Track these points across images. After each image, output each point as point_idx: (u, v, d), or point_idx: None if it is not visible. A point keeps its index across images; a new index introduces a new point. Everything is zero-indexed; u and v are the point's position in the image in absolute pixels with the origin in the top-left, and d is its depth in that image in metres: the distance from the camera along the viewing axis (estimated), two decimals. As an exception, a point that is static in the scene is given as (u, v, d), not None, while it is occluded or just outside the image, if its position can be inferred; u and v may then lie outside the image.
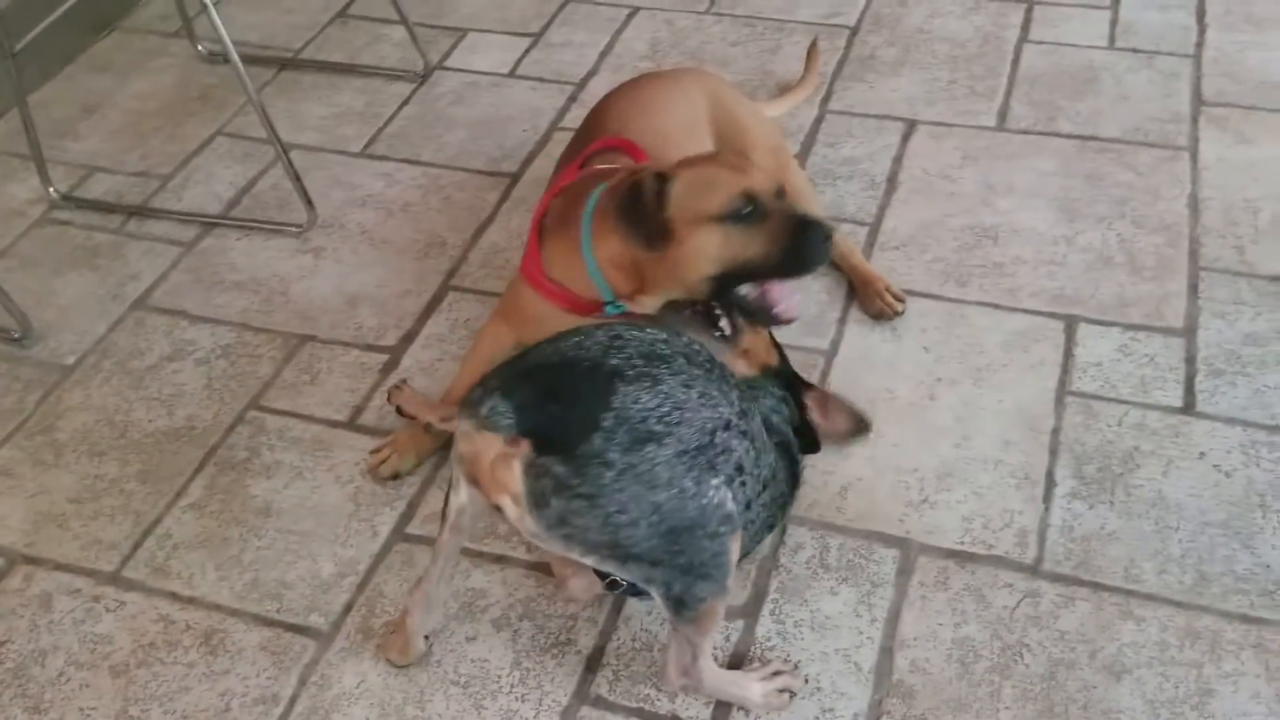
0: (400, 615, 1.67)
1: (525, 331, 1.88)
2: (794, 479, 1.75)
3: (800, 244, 1.66)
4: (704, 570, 1.43)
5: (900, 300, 2.13)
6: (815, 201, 2.23)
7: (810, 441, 1.83)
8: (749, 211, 1.67)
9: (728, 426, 1.46)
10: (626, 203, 1.69)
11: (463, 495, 1.49)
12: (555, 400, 1.40)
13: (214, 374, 2.15)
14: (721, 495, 1.43)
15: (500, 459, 1.38)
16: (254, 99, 2.36)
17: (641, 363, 1.42)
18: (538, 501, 1.38)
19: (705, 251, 1.68)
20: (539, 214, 1.91)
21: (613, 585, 1.63)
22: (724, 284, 1.71)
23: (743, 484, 1.49)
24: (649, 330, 1.50)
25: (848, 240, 2.24)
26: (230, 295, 2.32)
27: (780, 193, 1.71)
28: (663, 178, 1.69)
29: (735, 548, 1.47)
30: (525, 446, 1.37)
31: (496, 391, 1.41)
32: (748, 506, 1.51)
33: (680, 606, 1.46)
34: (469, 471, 1.44)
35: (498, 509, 1.42)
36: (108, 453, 2.03)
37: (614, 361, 1.42)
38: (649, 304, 1.80)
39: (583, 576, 1.67)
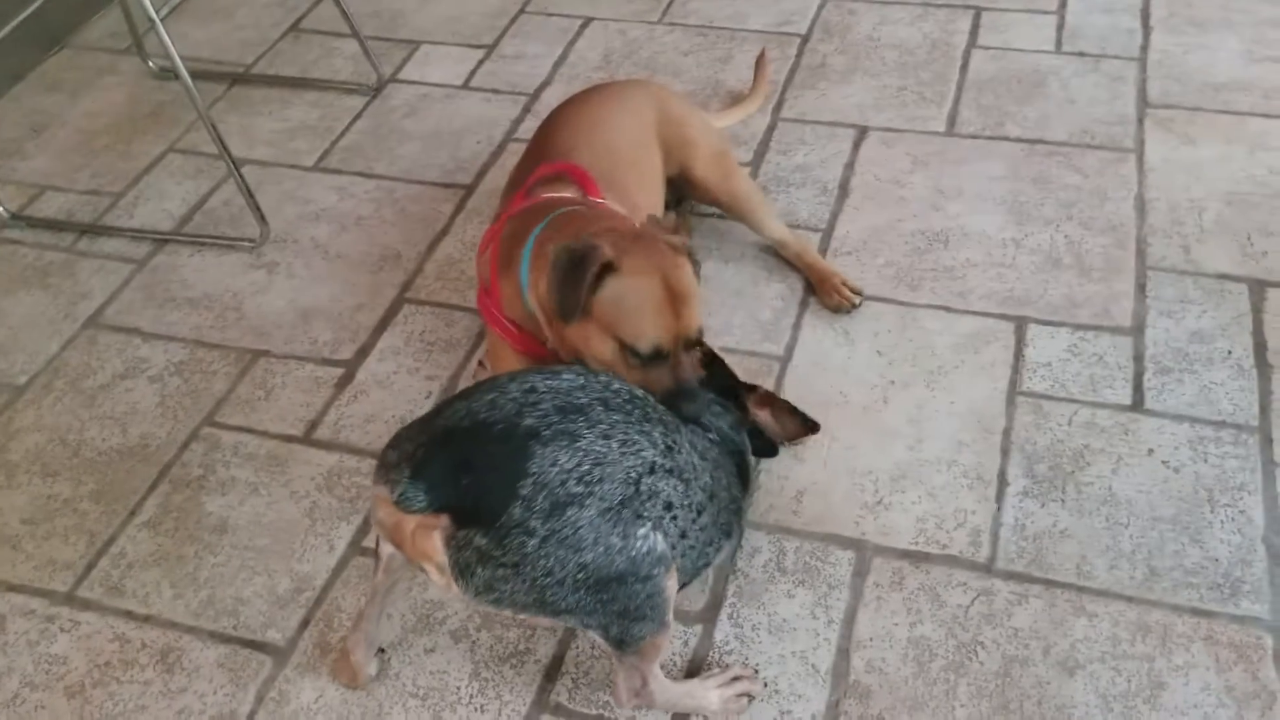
0: (344, 649, 1.66)
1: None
2: (744, 481, 1.74)
3: (667, 402, 1.64)
4: (639, 613, 1.43)
5: (857, 292, 2.16)
6: (765, 207, 2.25)
7: (767, 445, 1.85)
8: (649, 355, 1.66)
9: (653, 470, 1.44)
10: (565, 267, 1.66)
11: (390, 546, 1.48)
12: (470, 471, 1.36)
13: (167, 391, 2.14)
14: (651, 541, 1.42)
15: (420, 530, 1.36)
16: (204, 115, 2.35)
17: (558, 419, 1.40)
18: (463, 572, 1.38)
19: (596, 352, 1.68)
20: (493, 250, 1.87)
21: None
22: None
23: (674, 519, 1.48)
24: (565, 376, 1.47)
25: (803, 239, 2.26)
26: (183, 312, 2.30)
27: (691, 343, 1.69)
28: (608, 267, 1.65)
29: (671, 584, 1.47)
30: (444, 520, 1.36)
31: (407, 466, 1.37)
32: (683, 536, 1.51)
33: (621, 645, 1.47)
34: (391, 538, 1.42)
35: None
36: (61, 472, 2.02)
37: (529, 421, 1.39)
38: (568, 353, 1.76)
39: None
